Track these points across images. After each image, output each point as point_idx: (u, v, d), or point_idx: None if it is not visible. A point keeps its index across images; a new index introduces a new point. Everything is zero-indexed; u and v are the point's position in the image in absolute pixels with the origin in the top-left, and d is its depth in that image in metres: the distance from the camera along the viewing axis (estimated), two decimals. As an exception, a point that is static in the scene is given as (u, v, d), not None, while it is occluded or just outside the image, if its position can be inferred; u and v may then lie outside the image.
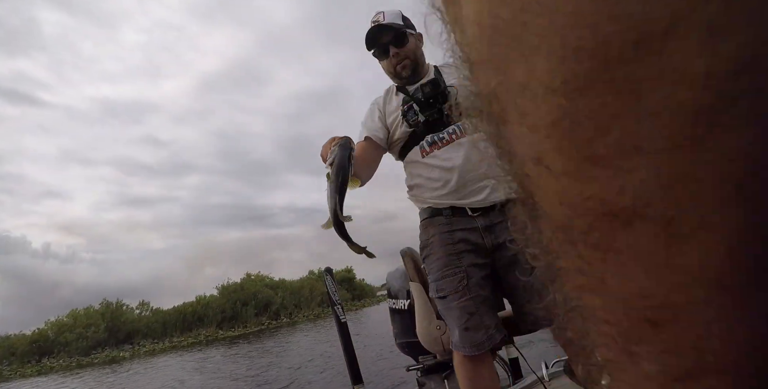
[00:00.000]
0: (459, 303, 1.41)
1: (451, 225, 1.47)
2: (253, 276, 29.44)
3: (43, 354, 22.49)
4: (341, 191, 1.23)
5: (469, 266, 1.44)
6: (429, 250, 1.53)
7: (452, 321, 1.43)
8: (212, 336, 23.26)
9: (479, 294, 1.42)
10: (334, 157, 1.24)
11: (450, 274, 1.45)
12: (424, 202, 1.55)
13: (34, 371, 19.70)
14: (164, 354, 18.04)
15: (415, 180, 1.56)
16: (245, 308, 26.39)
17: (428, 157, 1.49)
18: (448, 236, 1.47)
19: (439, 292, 1.47)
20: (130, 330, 25.32)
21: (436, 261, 1.49)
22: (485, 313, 1.41)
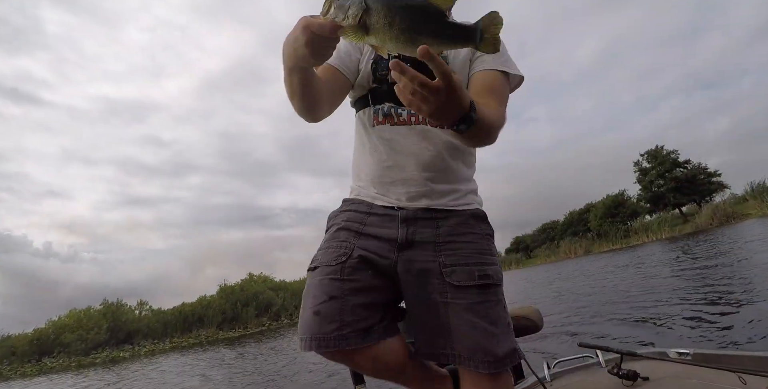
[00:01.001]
0: (323, 279, 1.09)
1: (369, 214, 1.21)
2: (256, 277, 29.40)
3: (43, 353, 22.49)
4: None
5: (361, 248, 1.14)
6: (334, 221, 1.26)
7: (306, 300, 1.09)
8: (213, 337, 23.25)
9: (356, 278, 1.09)
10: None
11: (333, 246, 1.16)
12: (357, 189, 1.29)
13: (34, 370, 19.71)
14: (165, 354, 18.02)
15: (357, 161, 1.31)
16: (246, 309, 26.36)
17: (378, 128, 1.21)
18: (361, 216, 1.21)
19: (312, 263, 1.17)
20: (130, 330, 25.31)
21: (330, 233, 1.22)
22: (351, 307, 1.06)
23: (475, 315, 1.07)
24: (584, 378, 1.77)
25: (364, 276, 1.10)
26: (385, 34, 0.74)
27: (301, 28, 0.79)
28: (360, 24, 0.75)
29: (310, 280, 1.12)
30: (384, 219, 1.19)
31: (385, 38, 0.75)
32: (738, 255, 8.28)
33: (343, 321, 1.03)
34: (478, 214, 1.23)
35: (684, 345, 1.73)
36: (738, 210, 22.70)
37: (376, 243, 1.15)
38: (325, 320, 1.02)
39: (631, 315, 5.15)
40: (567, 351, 3.67)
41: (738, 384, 1.21)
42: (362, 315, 1.06)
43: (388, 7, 0.74)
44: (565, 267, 19.97)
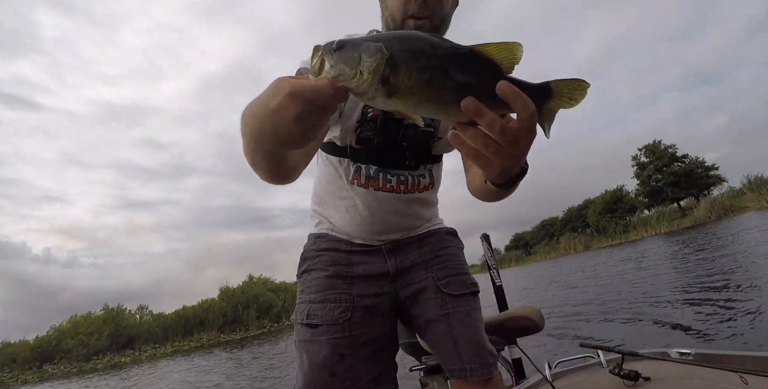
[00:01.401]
0: (331, 338, 1.08)
1: (352, 253, 1.20)
2: (256, 279, 29.39)
3: (44, 360, 22.45)
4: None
5: (360, 296, 1.15)
6: (313, 264, 1.21)
7: (313, 358, 1.08)
8: (214, 340, 23.22)
9: (363, 333, 1.11)
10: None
11: (331, 300, 1.13)
12: (327, 223, 1.25)
13: (35, 378, 19.65)
14: (167, 358, 17.99)
15: (324, 196, 1.25)
16: (247, 311, 26.34)
17: (357, 188, 1.16)
18: (344, 257, 1.20)
19: (309, 318, 1.11)
20: (131, 335, 25.28)
21: (317, 279, 1.17)
22: (362, 360, 1.08)
23: (474, 319, 1.16)
24: (585, 378, 1.76)
25: (371, 329, 1.12)
26: (417, 96, 0.53)
27: (288, 97, 0.53)
28: (382, 81, 0.52)
29: (313, 337, 1.10)
30: (368, 255, 1.19)
31: (420, 101, 0.53)
32: (738, 249, 8.30)
33: (356, 378, 1.06)
34: (451, 231, 1.32)
35: (685, 344, 1.73)
36: (736, 204, 22.76)
37: (369, 283, 1.17)
38: (340, 379, 1.04)
39: (632, 314, 5.15)
40: (568, 351, 3.68)
41: (740, 385, 1.21)
42: (373, 366, 1.09)
43: (423, 55, 0.53)
44: (564, 264, 20.00)
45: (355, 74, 0.51)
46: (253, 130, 0.62)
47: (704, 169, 30.69)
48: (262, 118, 0.57)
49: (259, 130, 0.60)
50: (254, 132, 0.62)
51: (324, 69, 0.53)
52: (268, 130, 0.58)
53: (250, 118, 0.63)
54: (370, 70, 0.51)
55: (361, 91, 0.53)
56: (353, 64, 0.52)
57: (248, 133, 0.65)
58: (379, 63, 0.51)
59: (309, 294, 1.16)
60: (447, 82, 0.52)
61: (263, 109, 0.57)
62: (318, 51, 0.54)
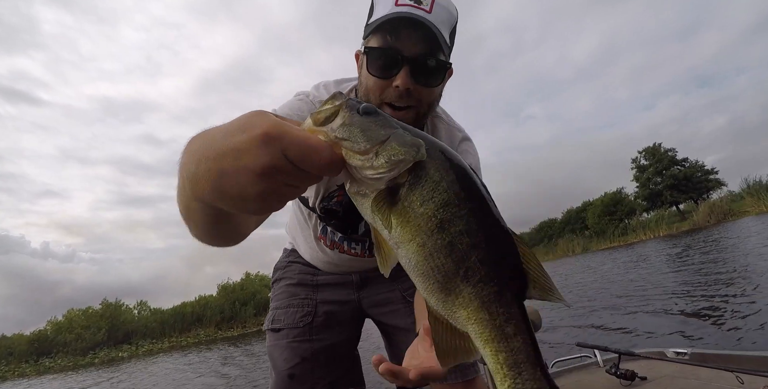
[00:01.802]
0: (292, 342, 1.11)
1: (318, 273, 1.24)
2: (253, 276, 29.35)
3: (41, 354, 22.43)
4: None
5: (324, 302, 1.17)
6: (282, 273, 1.26)
7: (278, 362, 1.11)
8: (212, 336, 23.20)
9: (324, 338, 1.13)
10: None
11: (294, 305, 1.17)
12: (298, 253, 1.27)
13: (33, 371, 19.64)
14: (164, 353, 17.98)
15: (296, 238, 1.25)
16: (244, 308, 26.32)
17: (323, 246, 1.15)
18: (314, 269, 1.23)
19: (273, 323, 1.16)
20: (128, 330, 25.26)
21: (284, 287, 1.22)
22: (323, 364, 1.11)
23: None
24: (582, 377, 1.77)
25: (332, 334, 1.16)
26: (419, 235, 0.39)
27: (261, 137, 0.36)
28: (389, 184, 0.39)
29: (275, 341, 1.13)
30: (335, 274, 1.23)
31: (412, 239, 0.39)
32: (737, 253, 8.30)
33: (314, 381, 1.09)
34: None
35: (682, 344, 1.73)
36: (735, 208, 22.75)
37: (334, 290, 1.20)
38: (299, 382, 1.07)
39: (629, 314, 5.16)
40: (565, 351, 3.67)
41: (736, 384, 1.22)
42: (331, 370, 1.13)
43: (461, 194, 0.39)
44: (563, 266, 19.99)
45: (368, 151, 0.38)
46: (194, 172, 0.41)
47: (704, 172, 30.66)
48: (212, 158, 0.38)
49: (201, 174, 0.40)
50: (194, 175, 0.41)
51: (331, 124, 0.40)
52: (212, 178, 0.39)
53: (194, 153, 0.42)
54: (391, 159, 0.38)
55: (361, 175, 0.39)
56: (374, 139, 0.39)
57: (186, 172, 0.43)
58: (407, 159, 0.38)
59: (276, 301, 1.21)
60: (462, 245, 0.38)
61: (218, 144, 0.38)
62: (337, 99, 0.41)
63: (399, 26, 0.80)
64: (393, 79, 0.83)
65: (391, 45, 0.82)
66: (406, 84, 0.82)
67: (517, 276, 0.40)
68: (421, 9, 0.80)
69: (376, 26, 0.82)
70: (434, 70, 0.85)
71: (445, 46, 0.84)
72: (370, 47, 0.84)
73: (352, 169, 0.40)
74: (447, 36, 0.86)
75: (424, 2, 0.81)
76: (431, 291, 0.40)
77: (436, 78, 0.86)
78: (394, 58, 0.82)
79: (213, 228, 0.56)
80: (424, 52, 0.82)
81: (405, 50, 0.82)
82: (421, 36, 0.81)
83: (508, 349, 0.38)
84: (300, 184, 0.40)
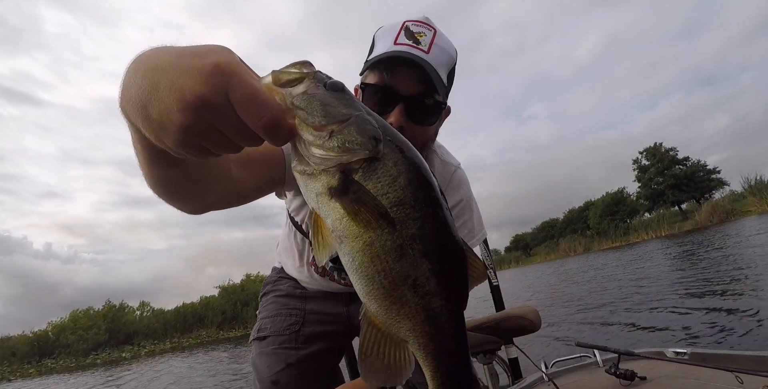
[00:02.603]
0: (277, 348, 1.09)
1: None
2: (254, 277, 29.38)
3: (43, 354, 22.50)
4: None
5: (313, 312, 1.16)
6: (272, 287, 1.27)
7: (261, 370, 1.08)
8: (213, 337, 23.24)
9: (310, 347, 1.12)
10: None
11: (282, 314, 1.16)
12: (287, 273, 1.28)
13: (35, 372, 19.69)
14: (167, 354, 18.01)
15: (286, 260, 1.25)
16: (246, 309, 26.35)
17: (313, 272, 1.16)
18: (302, 286, 1.23)
19: (259, 332, 1.15)
20: (130, 331, 25.32)
21: (273, 299, 1.22)
22: (308, 371, 1.08)
23: None
24: (582, 377, 1.76)
25: (319, 345, 1.14)
26: (366, 231, 0.36)
27: (210, 68, 0.33)
28: (340, 169, 0.36)
29: (260, 349, 1.12)
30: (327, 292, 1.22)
31: (358, 235, 0.36)
32: (736, 254, 8.28)
33: (300, 388, 1.07)
34: None
35: (681, 344, 1.72)
36: (737, 207, 22.68)
37: (324, 303, 1.20)
38: (283, 388, 1.05)
39: (629, 314, 5.14)
40: (565, 351, 3.66)
41: (735, 384, 1.21)
42: (316, 381, 1.11)
43: (416, 195, 0.37)
44: (564, 266, 19.96)
45: (321, 127, 0.36)
46: (130, 78, 0.39)
47: (706, 172, 30.59)
48: (153, 69, 0.36)
49: (132, 84, 0.38)
50: (126, 83, 0.39)
51: (291, 89, 0.37)
52: (142, 91, 0.36)
53: (140, 61, 0.39)
54: (344, 143, 0.35)
55: (310, 152, 0.36)
56: (332, 116, 0.36)
57: (124, 78, 0.40)
58: (361, 151, 0.36)
59: (264, 312, 1.20)
60: (409, 248, 0.36)
61: (167, 59, 0.36)
62: (306, 67, 0.38)
63: (395, 65, 0.82)
64: (387, 115, 0.83)
65: (386, 82, 0.83)
66: (399, 121, 0.82)
67: (463, 288, 0.39)
68: (419, 49, 0.82)
69: (374, 63, 0.83)
70: (429, 109, 0.86)
71: (440, 87, 0.84)
72: (367, 83, 0.86)
73: (301, 144, 0.37)
74: (444, 77, 0.87)
75: (422, 43, 0.82)
76: (374, 296, 0.38)
77: (431, 117, 0.88)
78: (389, 96, 0.83)
79: (155, 167, 0.50)
80: (420, 91, 0.83)
81: (400, 88, 0.83)
82: (416, 75, 0.82)
83: (450, 363, 0.39)
84: (229, 130, 0.35)
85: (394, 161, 0.37)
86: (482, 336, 2.09)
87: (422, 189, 0.38)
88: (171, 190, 0.56)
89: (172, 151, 0.38)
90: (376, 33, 0.90)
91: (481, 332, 2.10)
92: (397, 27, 0.84)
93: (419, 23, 0.85)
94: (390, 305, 0.37)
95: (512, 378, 2.19)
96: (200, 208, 0.64)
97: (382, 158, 0.37)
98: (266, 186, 0.77)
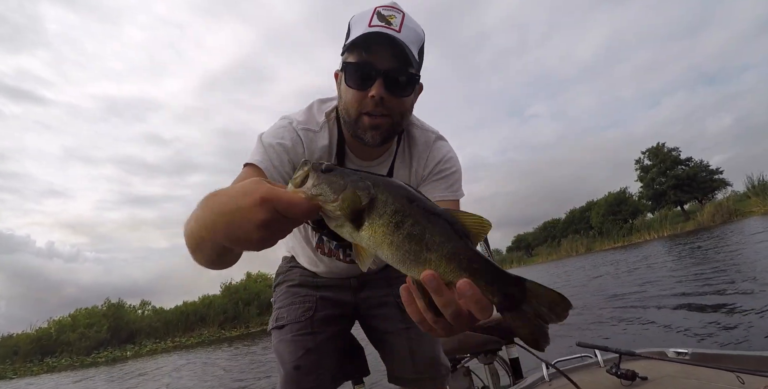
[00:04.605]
0: (296, 335, 1.18)
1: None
2: (254, 276, 29.42)
3: (45, 353, 22.58)
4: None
5: (323, 299, 1.26)
6: (284, 277, 1.35)
7: (283, 356, 1.17)
8: (215, 336, 23.29)
9: (325, 330, 1.21)
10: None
11: (297, 302, 1.25)
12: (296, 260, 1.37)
13: (40, 370, 19.76)
14: (167, 353, 18.06)
15: (295, 248, 1.35)
16: (248, 308, 26.39)
17: (320, 254, 1.25)
18: (313, 275, 1.32)
19: (277, 321, 1.24)
20: (132, 329, 25.40)
21: (286, 289, 1.31)
22: (326, 354, 1.19)
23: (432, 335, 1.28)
24: (583, 377, 1.76)
25: (332, 328, 1.24)
26: (386, 238, 0.53)
27: (259, 201, 0.51)
28: (355, 215, 0.54)
29: (280, 337, 1.21)
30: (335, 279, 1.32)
31: (383, 242, 0.54)
32: (738, 254, 8.26)
33: (319, 371, 1.16)
34: None
35: (682, 344, 1.72)
36: (740, 208, 22.60)
37: (334, 291, 1.29)
38: (305, 372, 1.14)
39: (631, 314, 5.14)
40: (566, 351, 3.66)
41: (736, 384, 1.21)
42: (336, 360, 1.21)
43: (403, 204, 0.54)
44: (566, 266, 19.94)
45: (335, 200, 0.54)
46: (211, 223, 0.57)
47: (708, 172, 30.49)
48: (224, 214, 0.54)
49: (217, 225, 0.56)
50: (211, 224, 0.57)
51: (306, 185, 0.55)
52: (225, 227, 0.55)
53: (210, 209, 0.58)
54: (351, 201, 0.54)
55: (333, 216, 0.55)
56: (337, 190, 0.54)
57: (203, 222, 0.59)
58: (362, 198, 0.54)
59: (279, 302, 1.28)
60: (413, 232, 0.53)
61: (228, 205, 0.54)
62: (305, 166, 0.57)
63: (372, 43, 0.91)
64: (369, 90, 0.93)
65: (366, 59, 0.92)
66: (380, 93, 0.93)
67: (464, 235, 0.55)
68: (392, 29, 0.91)
69: (352, 43, 0.92)
70: (405, 81, 0.96)
71: (414, 61, 0.95)
72: (348, 62, 0.95)
73: (327, 213, 0.55)
74: (416, 53, 0.96)
75: (393, 23, 0.92)
76: (410, 268, 0.54)
77: (407, 89, 0.98)
78: (369, 71, 0.93)
79: (218, 259, 0.71)
80: (396, 65, 0.93)
81: (378, 64, 0.92)
82: (392, 52, 0.92)
83: (483, 273, 0.52)
84: (289, 228, 0.55)
85: (381, 191, 0.55)
86: (483, 336, 2.10)
87: (406, 198, 0.55)
88: (223, 265, 0.75)
89: (255, 250, 0.58)
90: (351, 20, 0.99)
91: (482, 332, 2.10)
92: (369, 13, 0.94)
93: (389, 7, 0.95)
94: (422, 268, 0.53)
95: (513, 378, 2.19)
96: (233, 264, 0.81)
97: (377, 195, 0.54)
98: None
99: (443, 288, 0.51)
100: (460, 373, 2.23)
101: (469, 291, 0.49)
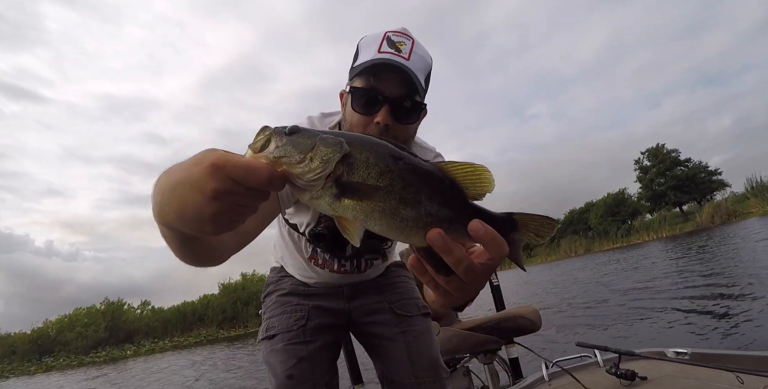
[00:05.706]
0: (287, 344, 1.15)
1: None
2: (250, 276, 29.35)
3: (43, 352, 22.53)
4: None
5: (316, 307, 1.23)
6: (274, 287, 1.33)
7: (275, 366, 1.13)
8: (213, 336, 23.26)
9: (318, 339, 1.18)
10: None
11: (288, 311, 1.22)
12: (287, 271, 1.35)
13: (38, 369, 19.72)
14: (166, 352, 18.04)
15: (285, 258, 1.34)
16: (246, 308, 26.37)
17: (314, 266, 1.24)
18: (304, 284, 1.30)
19: (267, 331, 1.20)
20: (130, 329, 25.36)
21: (276, 299, 1.28)
22: (319, 363, 1.16)
23: (428, 337, 1.28)
24: (583, 377, 1.76)
25: (326, 337, 1.22)
26: (377, 205, 0.46)
27: (209, 168, 0.42)
28: (332, 179, 0.45)
29: (271, 347, 1.17)
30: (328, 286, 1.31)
31: (373, 210, 0.46)
32: (738, 255, 8.27)
33: (314, 380, 1.13)
34: (399, 264, 1.46)
35: (682, 344, 1.72)
36: (739, 209, 22.63)
37: (326, 300, 1.28)
38: (298, 381, 1.11)
39: (630, 314, 5.14)
40: (565, 351, 3.67)
41: (736, 384, 1.21)
42: (326, 371, 1.19)
43: (385, 161, 0.47)
44: (565, 266, 19.96)
45: (303, 159, 0.44)
46: (159, 201, 0.50)
47: (707, 173, 30.54)
48: (172, 188, 0.46)
49: (165, 202, 0.48)
50: (159, 203, 0.50)
51: (267, 149, 0.46)
52: (174, 203, 0.46)
53: (160, 185, 0.50)
54: (323, 159, 0.44)
55: (305, 180, 0.45)
56: (304, 149, 0.45)
57: (154, 202, 0.52)
58: (334, 155, 0.45)
59: (270, 312, 1.25)
60: (407, 195, 0.47)
61: (177, 176, 0.46)
62: (266, 130, 0.47)
63: (381, 70, 0.92)
64: (374, 116, 0.94)
65: (373, 86, 0.93)
66: (385, 120, 0.93)
67: (459, 195, 0.50)
68: (401, 56, 0.93)
69: (361, 69, 0.93)
70: (411, 109, 0.97)
71: (420, 89, 0.95)
72: (355, 87, 0.95)
73: (296, 179, 0.45)
74: (422, 80, 0.97)
75: (403, 51, 0.93)
76: (410, 236, 0.48)
77: (412, 116, 0.98)
78: (376, 98, 0.93)
79: (186, 250, 0.63)
80: (403, 93, 0.94)
81: (386, 91, 0.93)
82: (399, 80, 0.92)
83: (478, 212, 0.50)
84: (249, 201, 0.46)
85: (359, 150, 0.47)
86: (483, 336, 2.10)
87: (389, 156, 0.48)
88: (200, 259, 0.68)
89: (212, 234, 0.48)
90: (360, 42, 1.00)
91: (481, 332, 2.10)
92: (379, 37, 0.95)
93: (399, 34, 0.96)
94: (423, 232, 0.48)
95: (513, 378, 2.20)
96: (222, 261, 0.75)
97: (352, 153, 0.46)
98: (267, 221, 0.88)
99: (452, 246, 0.47)
100: (459, 373, 2.23)
101: (482, 230, 0.46)
